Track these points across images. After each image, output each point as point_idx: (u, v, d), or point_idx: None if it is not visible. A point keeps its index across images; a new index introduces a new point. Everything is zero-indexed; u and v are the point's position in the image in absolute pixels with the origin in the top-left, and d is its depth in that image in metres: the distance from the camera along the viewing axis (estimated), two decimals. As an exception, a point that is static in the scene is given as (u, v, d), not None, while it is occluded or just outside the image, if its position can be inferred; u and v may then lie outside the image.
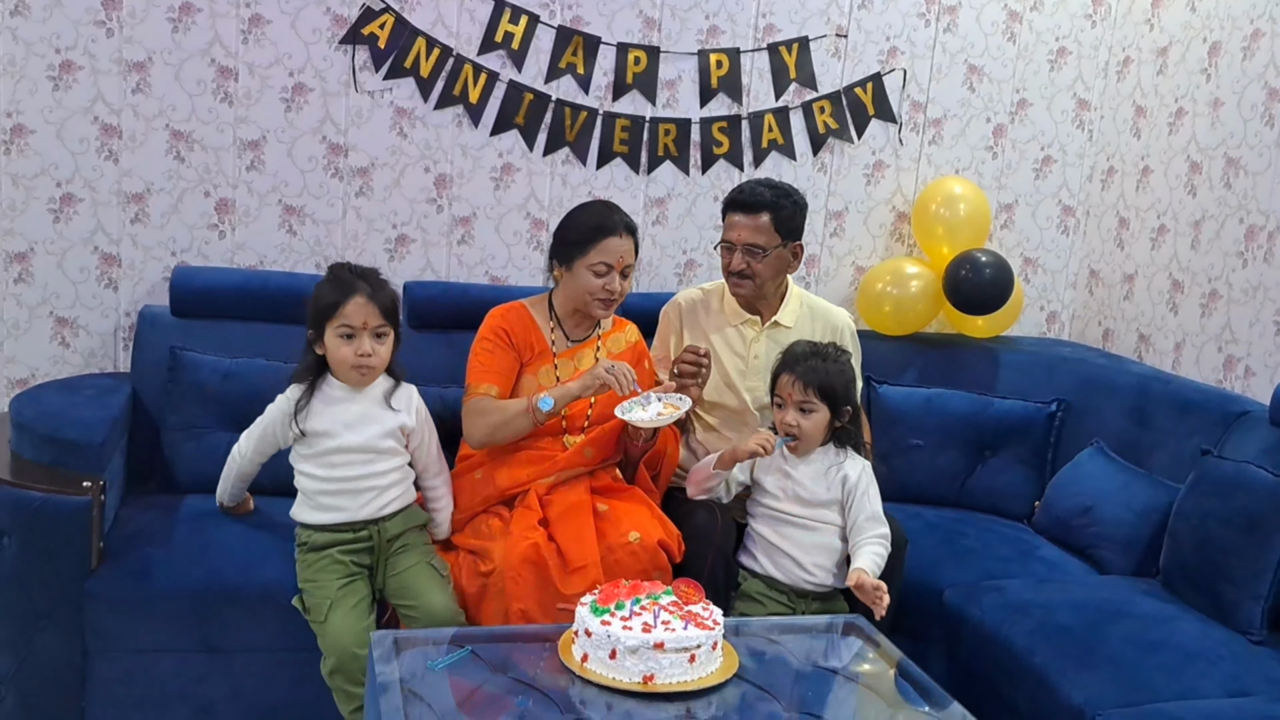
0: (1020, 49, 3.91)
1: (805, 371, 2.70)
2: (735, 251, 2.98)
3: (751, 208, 2.96)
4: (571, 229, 2.82)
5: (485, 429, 2.73)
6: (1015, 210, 4.03)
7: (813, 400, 2.69)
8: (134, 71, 3.25)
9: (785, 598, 2.71)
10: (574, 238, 2.80)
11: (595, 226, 2.79)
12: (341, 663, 2.47)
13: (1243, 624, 2.64)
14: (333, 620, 2.48)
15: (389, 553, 2.62)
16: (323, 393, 2.60)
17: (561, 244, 2.84)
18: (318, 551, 2.57)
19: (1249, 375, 3.31)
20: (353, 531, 2.59)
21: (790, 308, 3.08)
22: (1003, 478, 3.49)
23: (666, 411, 2.65)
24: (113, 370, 3.37)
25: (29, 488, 2.54)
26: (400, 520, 2.65)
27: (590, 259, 2.77)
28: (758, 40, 3.70)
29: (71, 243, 3.30)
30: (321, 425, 2.58)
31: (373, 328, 2.55)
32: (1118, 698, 2.35)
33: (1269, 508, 2.65)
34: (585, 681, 2.10)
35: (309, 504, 2.61)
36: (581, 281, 2.79)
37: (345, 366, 2.56)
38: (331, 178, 3.46)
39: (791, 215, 2.98)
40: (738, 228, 2.98)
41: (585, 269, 2.78)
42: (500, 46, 3.50)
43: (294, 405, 2.58)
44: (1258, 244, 3.30)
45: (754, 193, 2.98)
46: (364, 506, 2.59)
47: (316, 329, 2.57)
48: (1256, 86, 3.33)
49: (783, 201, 2.97)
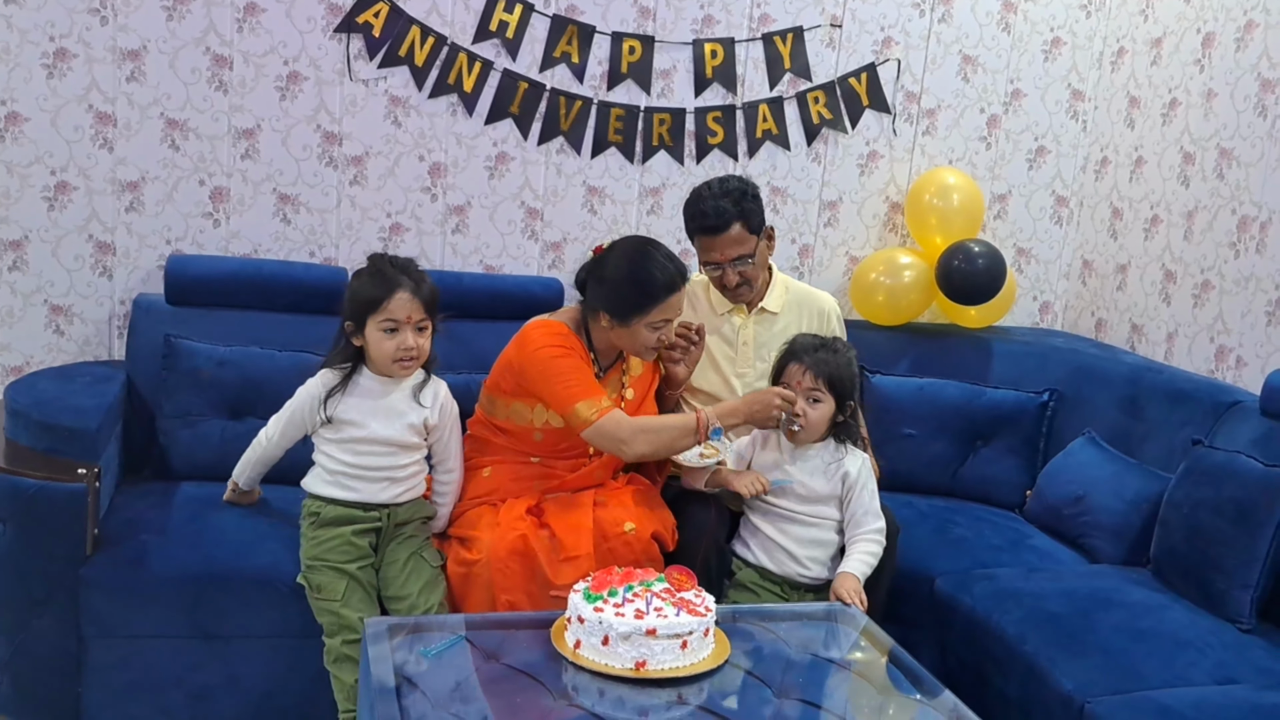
0: (1015, 39, 3.91)
1: (815, 362, 2.70)
2: (724, 269, 2.95)
3: (722, 227, 2.90)
4: (629, 286, 2.65)
5: (651, 445, 2.65)
6: (1009, 200, 4.04)
7: (821, 390, 2.70)
8: (128, 59, 3.25)
9: (779, 588, 2.72)
10: (634, 298, 2.65)
11: (660, 288, 2.64)
12: (349, 647, 2.48)
13: (1232, 613, 2.65)
14: (350, 601, 2.51)
15: (392, 537, 2.63)
16: (355, 383, 2.61)
17: (617, 298, 2.67)
18: (330, 528, 2.57)
19: (1240, 365, 3.32)
20: (364, 510, 2.60)
21: (776, 294, 3.08)
22: (995, 467, 3.50)
23: (709, 454, 2.73)
24: (107, 358, 3.38)
25: (24, 474, 2.54)
26: (409, 509, 2.67)
27: (652, 318, 2.66)
28: (752, 30, 3.70)
29: (66, 231, 3.30)
30: (350, 414, 2.59)
31: (415, 322, 2.57)
32: (1107, 685, 2.36)
33: (1259, 498, 2.66)
34: (578, 668, 2.11)
35: (327, 479, 2.62)
36: (639, 338, 2.69)
37: (387, 360, 2.57)
38: (326, 166, 3.46)
39: (756, 211, 2.94)
40: (717, 247, 2.92)
41: (644, 327, 2.67)
42: (495, 35, 3.50)
43: (326, 391, 2.59)
44: (1250, 235, 3.31)
45: (719, 211, 2.89)
46: (380, 492, 2.62)
47: (356, 321, 2.57)
48: (1250, 78, 3.34)
49: (745, 204, 2.91)
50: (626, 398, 2.82)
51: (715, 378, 3.04)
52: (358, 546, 2.57)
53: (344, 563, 2.54)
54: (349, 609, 2.51)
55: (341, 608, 2.51)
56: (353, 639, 2.49)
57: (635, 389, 2.85)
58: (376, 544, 2.63)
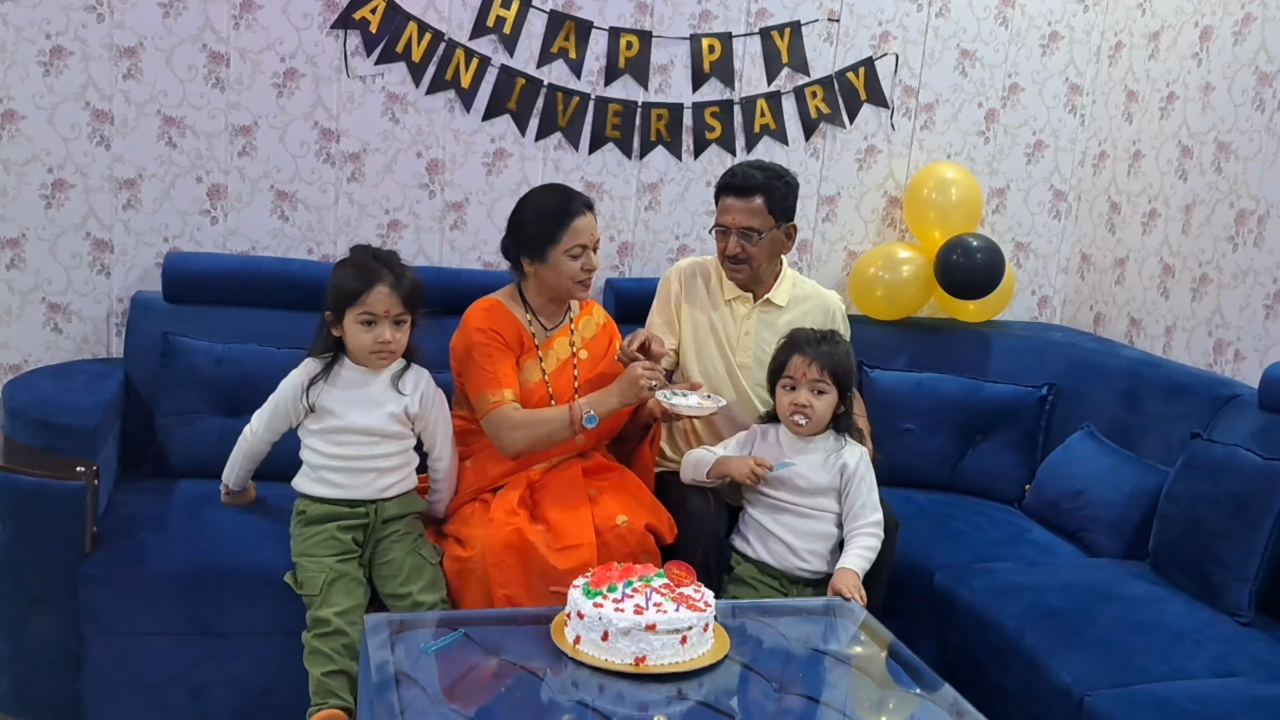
0: (1012, 33, 3.91)
1: (819, 355, 2.72)
2: (730, 235, 2.98)
3: (745, 191, 2.95)
4: (535, 220, 2.77)
5: (526, 442, 2.70)
6: (1007, 195, 4.04)
7: (826, 382, 2.72)
8: (125, 57, 3.25)
9: (778, 582, 2.72)
10: (540, 229, 2.75)
11: (560, 211, 2.75)
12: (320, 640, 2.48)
13: (1231, 605, 2.66)
14: (327, 597, 2.50)
15: (381, 533, 2.64)
16: (336, 373, 2.63)
17: (527, 238, 2.78)
18: (315, 525, 2.59)
19: (1239, 359, 3.32)
20: (350, 507, 2.61)
21: (784, 287, 3.09)
22: (994, 461, 3.50)
23: (706, 404, 2.72)
24: (106, 356, 3.37)
25: (23, 472, 2.55)
26: (398, 505, 2.67)
27: (565, 244, 2.74)
28: (750, 25, 3.70)
29: (63, 229, 3.29)
30: (330, 404, 2.62)
31: (394, 316, 2.59)
32: (1106, 678, 2.37)
33: (1257, 491, 2.66)
34: (577, 663, 2.11)
35: (312, 476, 2.64)
36: (562, 269, 2.75)
37: (364, 352, 2.60)
38: (323, 163, 3.45)
39: (785, 196, 2.99)
40: (732, 211, 2.98)
41: (562, 255, 2.74)
42: (492, 31, 3.50)
43: (308, 380, 2.61)
44: (1248, 228, 3.31)
45: (747, 175, 2.97)
46: (365, 486, 2.63)
47: (336, 312, 2.60)
48: (1247, 71, 3.34)
49: (775, 183, 2.97)
50: (580, 358, 2.86)
51: (716, 365, 3.04)
52: (341, 541, 2.58)
53: (326, 556, 2.54)
54: (327, 606, 2.50)
55: (320, 605, 2.50)
56: (323, 632, 2.49)
57: (590, 350, 2.89)
58: (364, 540, 2.63)
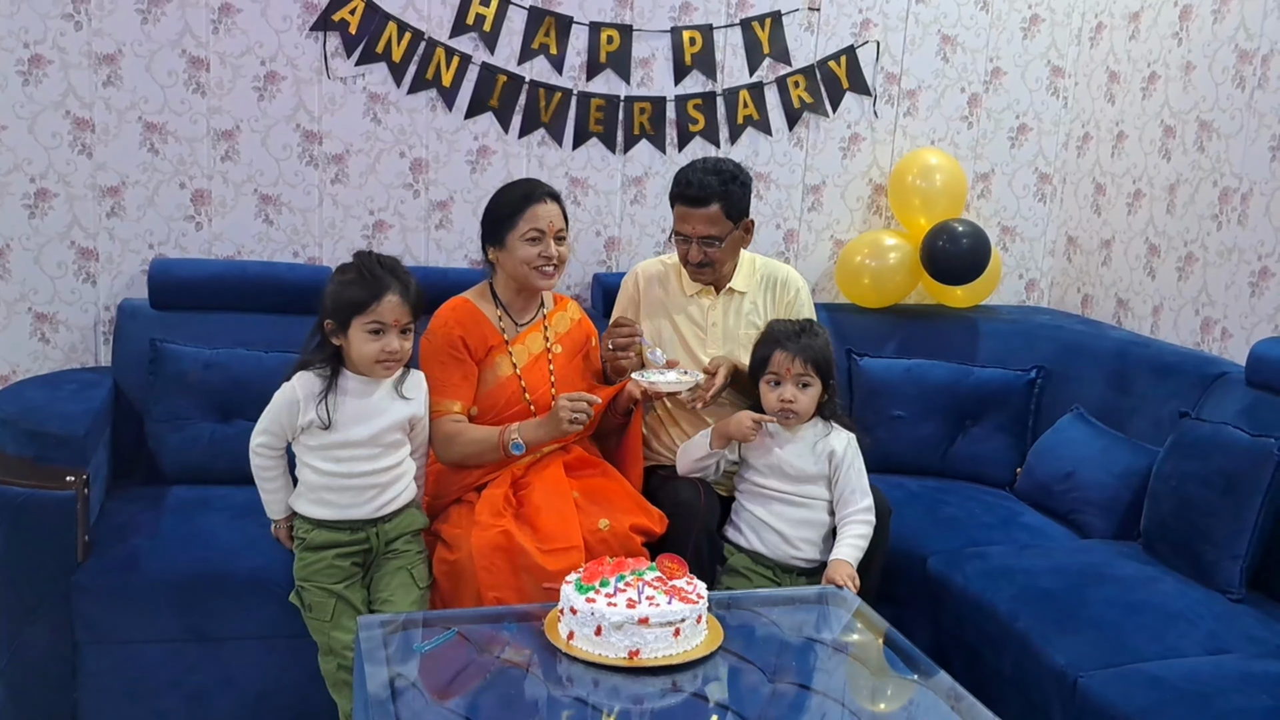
0: (993, 18, 3.91)
1: (801, 348, 2.72)
2: (691, 244, 2.95)
3: (701, 200, 2.91)
4: (495, 208, 2.80)
5: (456, 456, 2.72)
6: (992, 179, 4.04)
7: (809, 374, 2.72)
8: (104, 64, 3.24)
9: (771, 572, 2.73)
10: (500, 214, 2.78)
11: (520, 197, 2.77)
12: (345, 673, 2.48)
13: (1222, 583, 2.67)
14: (339, 622, 2.49)
15: (384, 555, 2.58)
16: (339, 385, 2.52)
17: (490, 225, 2.81)
18: (315, 552, 2.53)
19: (1226, 337, 3.33)
20: (350, 532, 2.53)
21: (743, 273, 3.08)
22: (984, 446, 3.51)
23: (685, 379, 2.79)
24: (94, 365, 3.37)
25: (12, 484, 2.54)
26: (398, 523, 2.59)
27: (521, 229, 2.74)
28: (730, 16, 3.69)
29: (48, 238, 3.29)
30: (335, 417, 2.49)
31: (402, 325, 2.50)
32: (1100, 659, 2.38)
33: (1246, 468, 2.67)
34: (571, 658, 2.11)
35: (310, 498, 2.54)
36: (518, 254, 2.75)
37: (368, 361, 2.48)
38: (307, 165, 3.45)
39: (740, 199, 2.94)
40: (691, 220, 2.93)
41: (519, 241, 2.74)
42: (472, 29, 3.49)
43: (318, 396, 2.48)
44: (1231, 206, 3.32)
45: (702, 185, 2.90)
46: (365, 504, 2.53)
47: (339, 321, 2.48)
48: (1227, 49, 3.34)
49: (730, 187, 2.91)
50: (555, 352, 2.88)
51: (688, 362, 3.03)
52: (343, 569, 2.53)
53: (332, 584, 2.52)
54: (340, 630, 2.49)
55: (332, 629, 2.50)
56: (345, 664, 2.47)
57: (564, 345, 2.90)
58: (366, 564, 2.57)
